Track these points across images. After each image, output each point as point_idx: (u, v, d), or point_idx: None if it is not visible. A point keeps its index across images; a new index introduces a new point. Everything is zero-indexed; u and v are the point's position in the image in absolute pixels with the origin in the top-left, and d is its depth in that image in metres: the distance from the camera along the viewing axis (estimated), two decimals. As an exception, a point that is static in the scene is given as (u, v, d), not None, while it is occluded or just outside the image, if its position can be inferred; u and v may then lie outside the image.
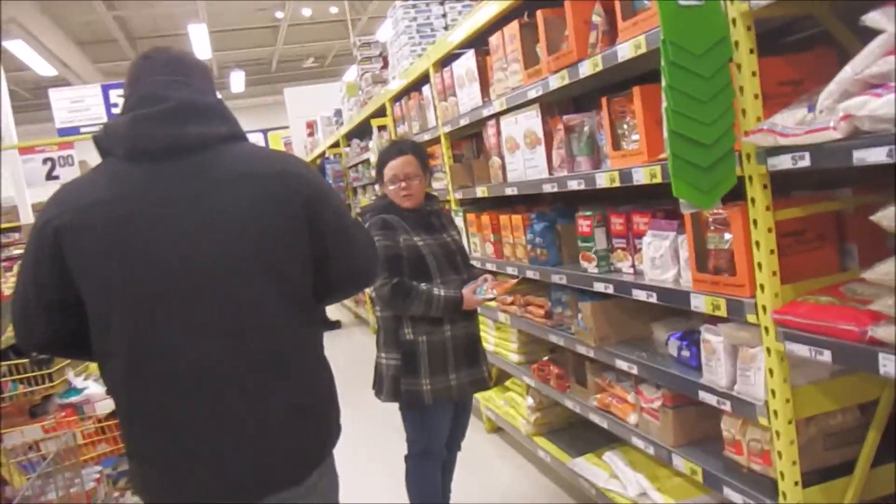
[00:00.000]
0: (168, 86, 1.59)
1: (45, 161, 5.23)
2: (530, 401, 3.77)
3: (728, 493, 2.13)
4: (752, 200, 1.86)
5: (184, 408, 1.53)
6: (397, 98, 5.39)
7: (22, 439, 2.43)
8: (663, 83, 1.81)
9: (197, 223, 1.53)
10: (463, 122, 3.91)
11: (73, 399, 2.79)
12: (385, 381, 2.89)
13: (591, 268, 2.78)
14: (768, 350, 1.89)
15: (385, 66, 6.72)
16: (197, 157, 1.56)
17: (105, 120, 9.62)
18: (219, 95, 1.75)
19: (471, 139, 4.50)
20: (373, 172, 6.78)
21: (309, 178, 1.68)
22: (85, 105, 9.33)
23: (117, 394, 1.57)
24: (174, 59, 1.66)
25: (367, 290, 5.45)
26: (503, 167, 3.53)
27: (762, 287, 1.87)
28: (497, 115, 3.48)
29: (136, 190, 1.52)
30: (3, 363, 2.51)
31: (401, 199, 2.91)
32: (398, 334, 2.86)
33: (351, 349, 7.39)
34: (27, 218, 12.15)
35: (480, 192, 3.85)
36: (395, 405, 2.94)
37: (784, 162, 1.71)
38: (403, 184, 2.89)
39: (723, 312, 2.02)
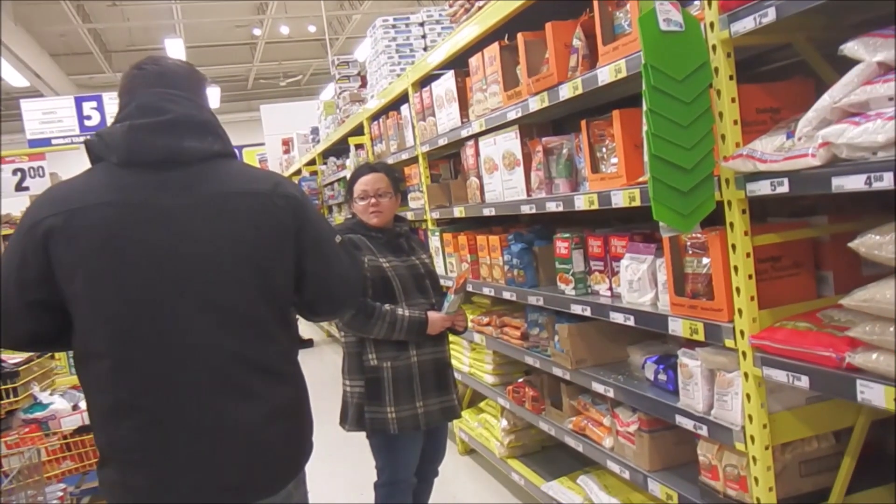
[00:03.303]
0: (167, 98, 1.61)
1: (14, 172, 5.13)
2: (504, 423, 3.75)
3: (703, 518, 2.12)
4: (731, 225, 1.87)
5: (171, 408, 1.54)
6: (375, 117, 5.39)
7: (-18, 456, 2.36)
8: (644, 107, 1.83)
9: (188, 232, 1.56)
10: (441, 143, 3.91)
11: (38, 414, 2.71)
12: (350, 409, 2.82)
13: (569, 290, 2.78)
14: (746, 375, 1.89)
15: (363, 85, 6.73)
16: (191, 170, 1.59)
17: (77, 132, 9.51)
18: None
19: (449, 159, 4.51)
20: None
21: (297, 198, 1.72)
22: (57, 117, 9.23)
23: (102, 394, 1.56)
24: (170, 72, 1.68)
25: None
26: (481, 188, 3.53)
27: (740, 312, 1.88)
28: (476, 136, 3.48)
29: (130, 196, 1.55)
30: (-35, 377, 2.44)
31: (369, 217, 2.86)
32: (362, 360, 2.79)
33: (322, 368, 7.31)
34: (-7, 229, 11.93)
35: (458, 212, 3.85)
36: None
37: (763, 188, 1.73)
38: (373, 200, 2.85)
39: (700, 336, 2.02)
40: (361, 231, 2.86)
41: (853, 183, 1.48)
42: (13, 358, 2.89)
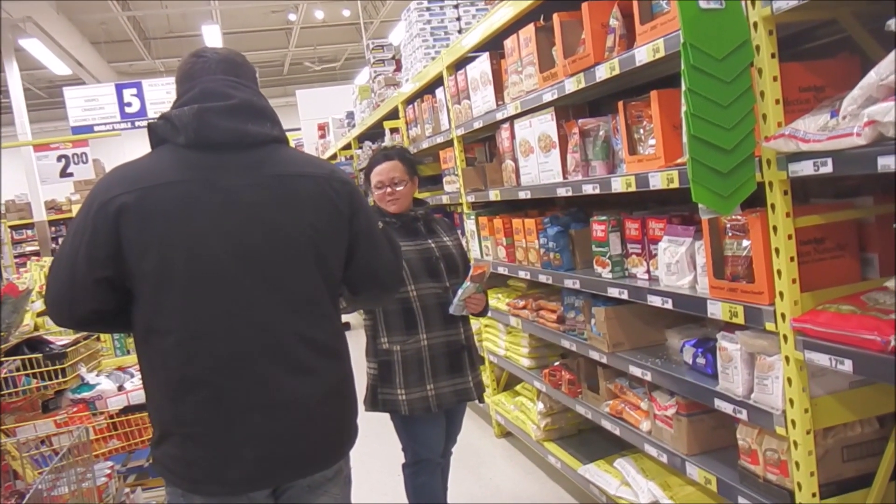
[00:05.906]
0: (229, 84, 1.67)
1: (59, 158, 5.25)
2: (541, 406, 3.75)
3: (743, 502, 2.10)
4: (772, 207, 1.84)
5: (235, 383, 1.59)
6: (410, 101, 5.39)
7: (34, 433, 2.44)
8: (683, 87, 1.80)
9: (256, 212, 1.62)
10: (476, 125, 3.90)
11: (86, 394, 2.79)
12: (368, 389, 2.88)
13: (606, 273, 2.76)
14: (787, 359, 1.87)
15: (398, 68, 6.72)
16: (253, 153, 1.66)
17: (118, 119, 9.69)
18: None
19: (484, 142, 4.50)
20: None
21: (351, 184, 1.79)
22: (99, 104, 9.42)
23: (166, 370, 1.61)
24: (229, 60, 1.74)
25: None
26: (517, 171, 3.51)
27: (781, 294, 1.85)
28: (511, 119, 3.46)
29: (200, 175, 1.60)
30: (17, 357, 2.51)
31: (387, 204, 2.88)
32: (376, 343, 2.85)
33: (358, 352, 7.36)
34: (40, 215, 12.24)
35: (493, 195, 3.84)
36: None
37: (806, 168, 1.69)
38: (389, 189, 2.85)
39: (740, 320, 1.99)
40: (377, 216, 2.87)
41: (900, 162, 1.44)
42: (61, 340, 2.97)
